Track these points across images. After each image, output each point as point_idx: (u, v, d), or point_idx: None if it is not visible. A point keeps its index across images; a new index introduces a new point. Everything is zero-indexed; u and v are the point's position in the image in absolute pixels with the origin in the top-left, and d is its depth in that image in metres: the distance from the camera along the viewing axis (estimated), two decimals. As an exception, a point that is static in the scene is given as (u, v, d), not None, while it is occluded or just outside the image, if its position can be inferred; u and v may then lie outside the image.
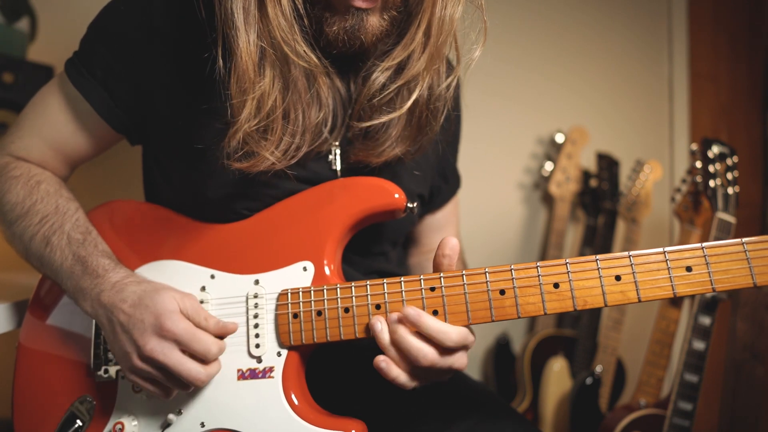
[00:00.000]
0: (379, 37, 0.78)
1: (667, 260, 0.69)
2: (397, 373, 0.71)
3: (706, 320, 1.40)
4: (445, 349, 0.71)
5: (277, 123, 0.77)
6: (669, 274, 0.69)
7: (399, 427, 0.88)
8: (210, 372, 0.75)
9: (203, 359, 0.75)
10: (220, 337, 0.78)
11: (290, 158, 0.80)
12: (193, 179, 0.85)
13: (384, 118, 0.81)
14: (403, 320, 0.71)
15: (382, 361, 0.71)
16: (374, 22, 0.76)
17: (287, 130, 0.78)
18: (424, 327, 0.70)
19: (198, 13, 0.78)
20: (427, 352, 0.70)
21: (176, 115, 0.84)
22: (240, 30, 0.71)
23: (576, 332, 1.96)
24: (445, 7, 0.76)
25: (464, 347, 0.73)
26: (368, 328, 0.75)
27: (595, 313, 1.93)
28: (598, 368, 1.86)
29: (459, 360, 0.73)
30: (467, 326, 0.73)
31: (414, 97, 0.80)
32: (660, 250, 0.70)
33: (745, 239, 0.68)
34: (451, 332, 0.70)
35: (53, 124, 0.89)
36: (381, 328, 0.72)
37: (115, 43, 0.84)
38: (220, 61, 0.74)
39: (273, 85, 0.75)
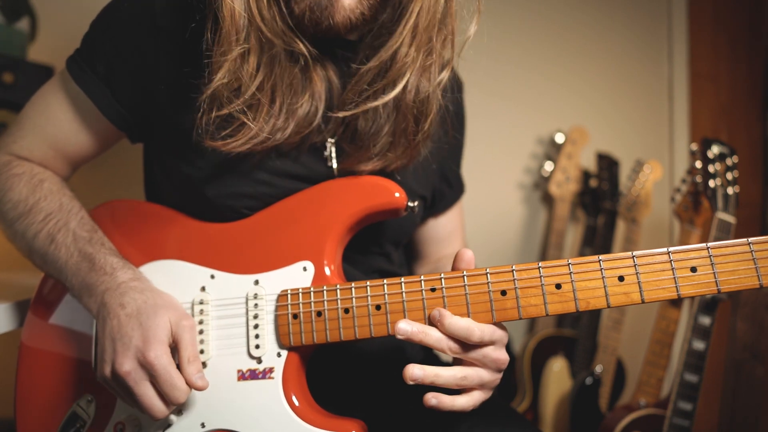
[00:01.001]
0: (353, 22, 0.76)
1: (671, 261, 0.68)
2: (450, 400, 0.71)
3: (706, 320, 1.40)
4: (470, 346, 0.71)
5: (263, 105, 0.76)
6: (673, 274, 0.68)
7: (399, 427, 0.88)
8: (169, 412, 0.74)
9: (168, 402, 0.73)
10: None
11: (272, 141, 0.78)
12: (193, 178, 0.85)
13: (362, 108, 0.78)
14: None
15: (432, 398, 0.71)
16: (347, 2, 0.74)
17: (272, 113, 0.77)
18: (446, 325, 0.70)
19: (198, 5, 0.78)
20: (444, 340, 0.71)
21: (178, 113, 0.83)
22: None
23: (576, 332, 1.96)
24: (443, 4, 0.75)
25: (491, 343, 0.72)
26: (370, 329, 0.75)
27: (595, 313, 1.93)
28: (598, 368, 1.86)
29: (493, 354, 0.72)
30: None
31: (398, 88, 0.77)
32: (664, 250, 0.69)
33: (751, 239, 0.67)
34: (473, 327, 0.70)
35: (55, 122, 0.89)
36: (410, 328, 0.71)
37: (117, 40, 0.84)
38: (208, 34, 0.74)
39: (258, 69, 0.74)
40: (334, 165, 0.86)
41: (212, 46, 0.74)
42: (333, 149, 0.86)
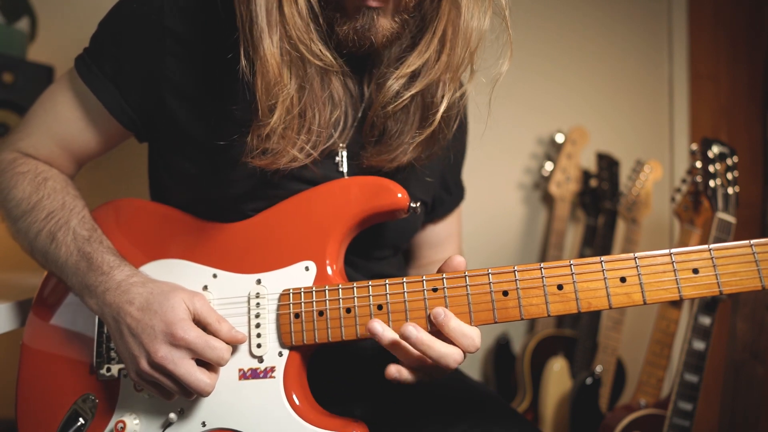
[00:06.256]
0: (390, 39, 0.78)
1: (673, 262, 0.68)
2: (407, 375, 0.72)
3: (706, 320, 1.40)
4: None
5: (294, 122, 0.77)
6: (675, 276, 0.68)
7: (400, 427, 0.88)
8: (215, 382, 0.76)
9: (216, 365, 0.75)
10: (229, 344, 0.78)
11: (307, 156, 0.80)
12: (201, 179, 0.85)
13: (424, 134, 0.80)
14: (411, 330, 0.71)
15: (395, 372, 0.71)
16: (385, 23, 0.76)
17: (303, 128, 0.78)
18: (452, 327, 0.70)
19: (219, 12, 0.78)
20: (454, 354, 0.70)
21: (186, 115, 0.84)
22: (264, 32, 0.71)
23: (576, 332, 1.96)
24: (472, 18, 0.77)
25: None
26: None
27: (595, 313, 1.93)
28: (598, 368, 1.86)
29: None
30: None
31: (441, 111, 0.80)
32: (666, 251, 0.69)
33: (753, 241, 0.67)
34: (475, 336, 0.70)
35: (62, 121, 0.89)
36: (381, 330, 0.71)
37: (125, 40, 0.84)
38: (243, 61, 0.74)
39: (291, 85, 0.75)
40: (345, 169, 0.87)
41: (252, 79, 0.74)
42: (344, 153, 0.86)
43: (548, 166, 2.11)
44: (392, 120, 0.83)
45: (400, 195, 0.80)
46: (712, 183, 1.41)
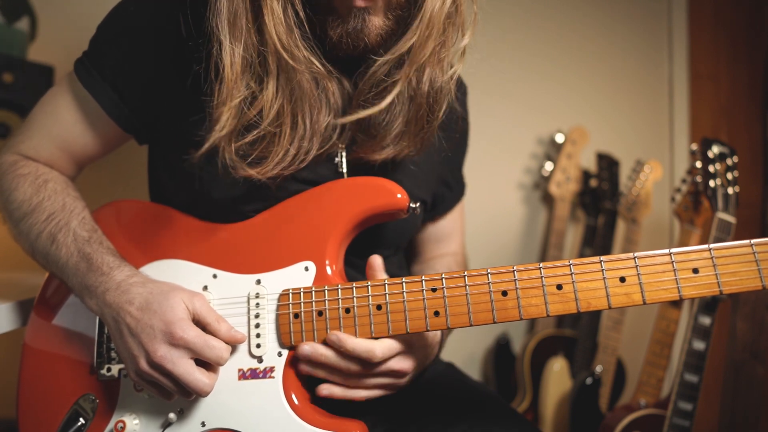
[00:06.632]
0: (384, 37, 0.78)
1: (673, 262, 0.68)
2: (341, 391, 0.78)
3: (706, 320, 1.40)
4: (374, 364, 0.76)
5: (285, 128, 0.77)
6: (675, 276, 0.68)
7: (400, 427, 0.88)
8: (214, 382, 0.76)
9: (215, 364, 0.76)
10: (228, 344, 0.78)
11: (300, 162, 0.80)
12: (200, 181, 0.85)
13: (368, 111, 0.79)
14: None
15: (324, 389, 0.77)
16: (377, 21, 0.76)
17: (296, 135, 0.78)
18: (349, 349, 0.74)
19: (191, 28, 0.79)
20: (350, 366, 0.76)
21: (184, 117, 0.84)
22: (224, 44, 0.72)
23: (576, 332, 1.96)
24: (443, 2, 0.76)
25: (393, 356, 0.78)
26: (371, 329, 0.75)
27: (595, 313, 1.93)
28: (598, 368, 1.86)
29: (396, 364, 0.77)
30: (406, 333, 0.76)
31: (398, 87, 0.78)
32: (666, 251, 0.69)
33: (753, 240, 0.67)
34: (376, 349, 0.75)
35: (62, 124, 0.89)
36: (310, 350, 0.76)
37: (124, 43, 0.84)
38: (212, 73, 0.75)
39: (277, 94, 0.75)
40: (344, 170, 0.86)
41: (218, 86, 0.75)
42: (344, 154, 0.86)
43: (548, 166, 2.11)
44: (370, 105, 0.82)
45: (399, 195, 0.80)
46: (712, 183, 1.41)
